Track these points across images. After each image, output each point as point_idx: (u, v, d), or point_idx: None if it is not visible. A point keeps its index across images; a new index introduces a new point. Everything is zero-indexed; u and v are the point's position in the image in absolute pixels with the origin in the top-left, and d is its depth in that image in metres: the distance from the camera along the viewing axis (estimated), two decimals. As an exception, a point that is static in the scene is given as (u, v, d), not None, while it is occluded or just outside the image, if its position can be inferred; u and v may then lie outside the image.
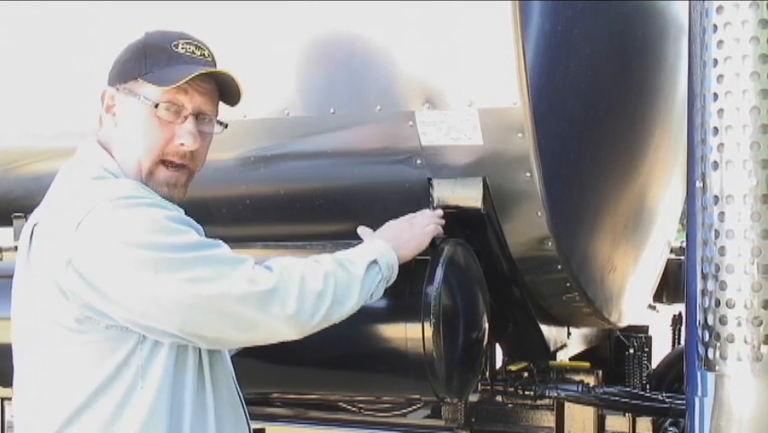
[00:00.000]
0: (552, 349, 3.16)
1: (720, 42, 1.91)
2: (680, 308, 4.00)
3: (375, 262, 2.11)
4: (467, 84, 2.41)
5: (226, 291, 1.85)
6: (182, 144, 2.00)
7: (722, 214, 1.91)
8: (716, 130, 1.92)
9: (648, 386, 3.62)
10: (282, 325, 1.92)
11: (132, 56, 2.03)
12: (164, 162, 2.01)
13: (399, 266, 2.21)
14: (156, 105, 1.98)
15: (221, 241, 1.95)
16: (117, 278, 1.82)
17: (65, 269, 1.82)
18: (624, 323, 3.54)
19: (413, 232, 2.32)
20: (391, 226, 2.35)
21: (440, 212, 2.46)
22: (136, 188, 1.93)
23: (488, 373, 3.06)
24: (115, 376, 1.86)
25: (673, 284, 4.07)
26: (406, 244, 2.27)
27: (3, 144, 3.12)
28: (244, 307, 1.87)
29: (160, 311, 1.83)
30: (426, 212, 2.45)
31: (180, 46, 2.03)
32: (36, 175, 3.15)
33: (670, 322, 4.12)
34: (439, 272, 2.34)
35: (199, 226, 1.98)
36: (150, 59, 2.01)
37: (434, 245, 2.39)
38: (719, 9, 1.91)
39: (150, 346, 1.88)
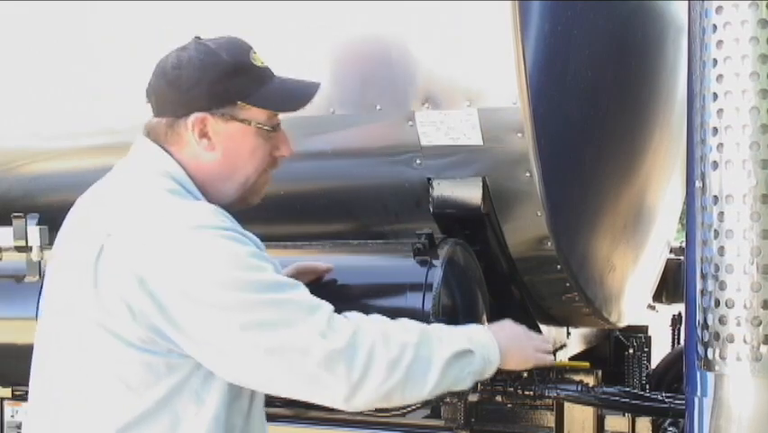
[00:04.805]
0: (551, 349, 3.15)
1: (720, 42, 1.91)
2: (679, 307, 3.99)
3: (471, 351, 1.96)
4: (467, 84, 2.41)
5: (294, 341, 1.77)
6: (283, 154, 2.07)
7: (721, 214, 1.91)
8: (715, 130, 1.92)
9: (648, 386, 3.62)
10: (344, 388, 1.80)
11: (223, 77, 1.96)
12: None
13: (398, 266, 2.20)
14: (266, 128, 2.01)
15: (300, 282, 1.89)
16: (189, 309, 1.76)
17: (137, 288, 1.76)
18: (623, 323, 3.54)
19: (528, 346, 2.17)
20: (512, 327, 2.19)
21: (551, 347, 2.32)
22: (215, 213, 1.87)
23: (487, 373, 3.06)
24: (167, 399, 1.81)
25: (673, 284, 4.07)
26: (516, 353, 2.11)
27: (1, 144, 3.12)
28: (308, 361, 1.77)
29: (224, 349, 1.78)
30: (548, 338, 2.38)
31: (255, 59, 2.02)
32: (35, 175, 3.16)
33: (669, 322, 4.12)
34: (438, 273, 2.34)
35: (275, 261, 1.92)
36: (241, 79, 1.97)
37: (434, 245, 2.39)
38: (719, 9, 1.90)
39: (208, 370, 1.83)
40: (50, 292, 1.99)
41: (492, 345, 2.02)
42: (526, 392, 3.04)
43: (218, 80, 1.96)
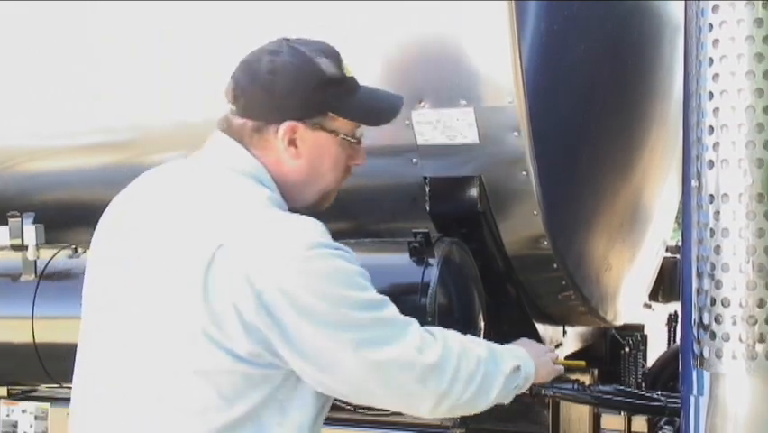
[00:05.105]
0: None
1: (716, 41, 1.91)
2: (675, 306, 4.00)
3: (519, 368, 2.06)
4: (463, 82, 2.41)
5: (398, 357, 1.81)
6: (357, 163, 2.07)
7: (717, 213, 1.92)
8: (711, 129, 1.92)
9: (644, 385, 3.62)
10: (432, 400, 1.87)
11: (318, 88, 1.94)
12: None
13: (394, 265, 2.20)
14: (351, 139, 2.00)
15: (387, 297, 1.90)
16: (304, 326, 1.75)
17: (254, 303, 1.74)
18: (619, 322, 3.54)
19: (548, 360, 2.29)
20: (532, 345, 2.28)
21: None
22: (323, 230, 1.87)
23: (484, 372, 3.06)
24: (256, 409, 1.80)
25: (669, 283, 4.07)
26: (543, 368, 2.22)
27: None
28: (407, 376, 1.83)
29: (332, 365, 1.79)
30: (553, 348, 2.43)
31: (346, 68, 2.00)
32: (31, 174, 3.15)
33: (665, 321, 4.13)
34: (435, 272, 2.34)
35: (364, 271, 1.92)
36: (334, 90, 1.96)
37: (430, 244, 2.39)
38: (715, 8, 1.91)
39: (294, 381, 1.83)
40: (96, 289, 1.95)
41: (530, 362, 2.11)
42: (523, 391, 3.04)
43: (314, 91, 1.94)
